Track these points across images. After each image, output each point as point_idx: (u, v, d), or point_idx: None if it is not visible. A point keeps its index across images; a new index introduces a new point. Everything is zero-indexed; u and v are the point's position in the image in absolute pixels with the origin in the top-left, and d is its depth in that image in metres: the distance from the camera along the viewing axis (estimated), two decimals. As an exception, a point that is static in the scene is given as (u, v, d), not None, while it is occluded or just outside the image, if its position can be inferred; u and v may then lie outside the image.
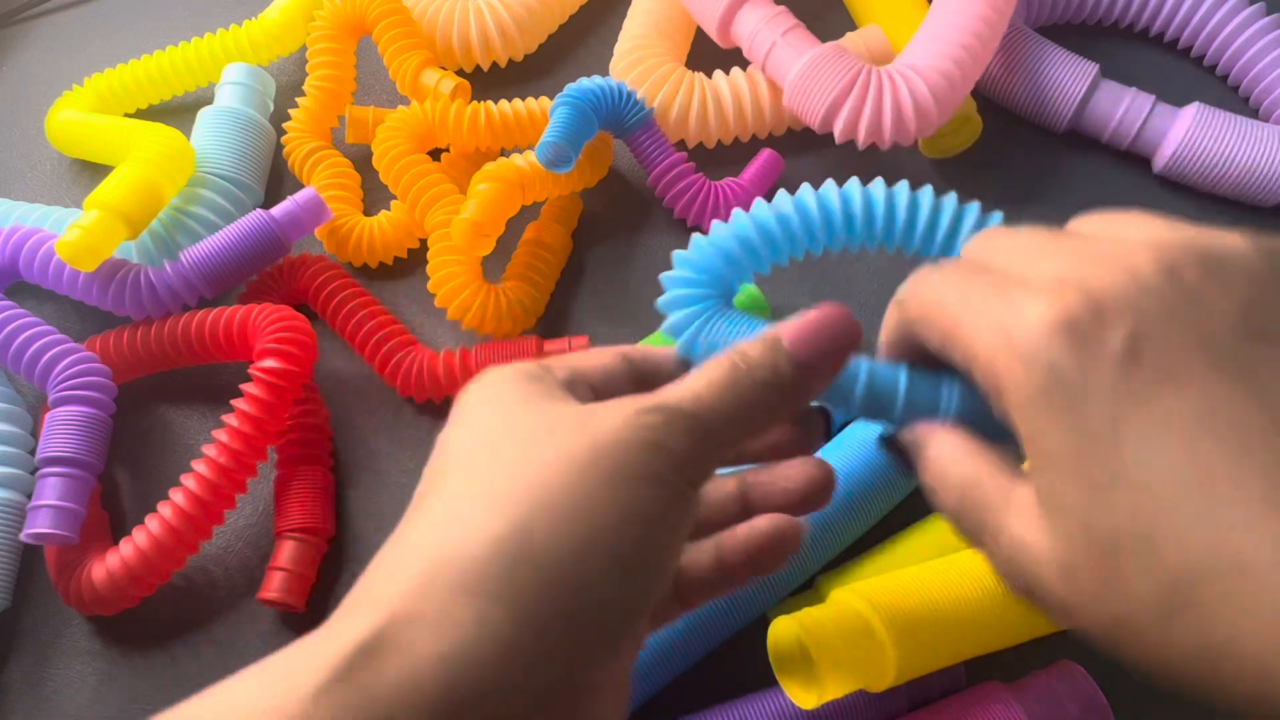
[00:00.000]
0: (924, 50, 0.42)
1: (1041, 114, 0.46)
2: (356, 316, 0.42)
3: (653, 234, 0.46)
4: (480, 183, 0.42)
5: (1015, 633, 0.33)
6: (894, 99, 0.41)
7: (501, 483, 0.21)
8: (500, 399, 0.23)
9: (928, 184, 0.29)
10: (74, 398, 0.39)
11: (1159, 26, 0.49)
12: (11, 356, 0.40)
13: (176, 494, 0.37)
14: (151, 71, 0.49)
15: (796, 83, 0.42)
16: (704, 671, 0.36)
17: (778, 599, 0.36)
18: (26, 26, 0.56)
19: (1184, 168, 0.44)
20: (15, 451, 0.41)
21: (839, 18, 0.51)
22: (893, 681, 0.31)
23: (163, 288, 0.41)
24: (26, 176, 0.50)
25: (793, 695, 0.32)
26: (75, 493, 0.38)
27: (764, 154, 0.45)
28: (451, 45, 0.49)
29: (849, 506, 0.36)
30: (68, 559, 0.38)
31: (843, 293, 0.44)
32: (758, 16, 0.44)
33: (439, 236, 0.43)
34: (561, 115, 0.42)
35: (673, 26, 0.48)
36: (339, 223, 0.45)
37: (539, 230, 0.44)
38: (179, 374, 0.44)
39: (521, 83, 0.51)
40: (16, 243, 0.42)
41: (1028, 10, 0.48)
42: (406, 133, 0.44)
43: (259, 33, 0.49)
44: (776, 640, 0.32)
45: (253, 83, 0.49)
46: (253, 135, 0.47)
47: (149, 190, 0.42)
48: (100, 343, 0.42)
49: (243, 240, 0.42)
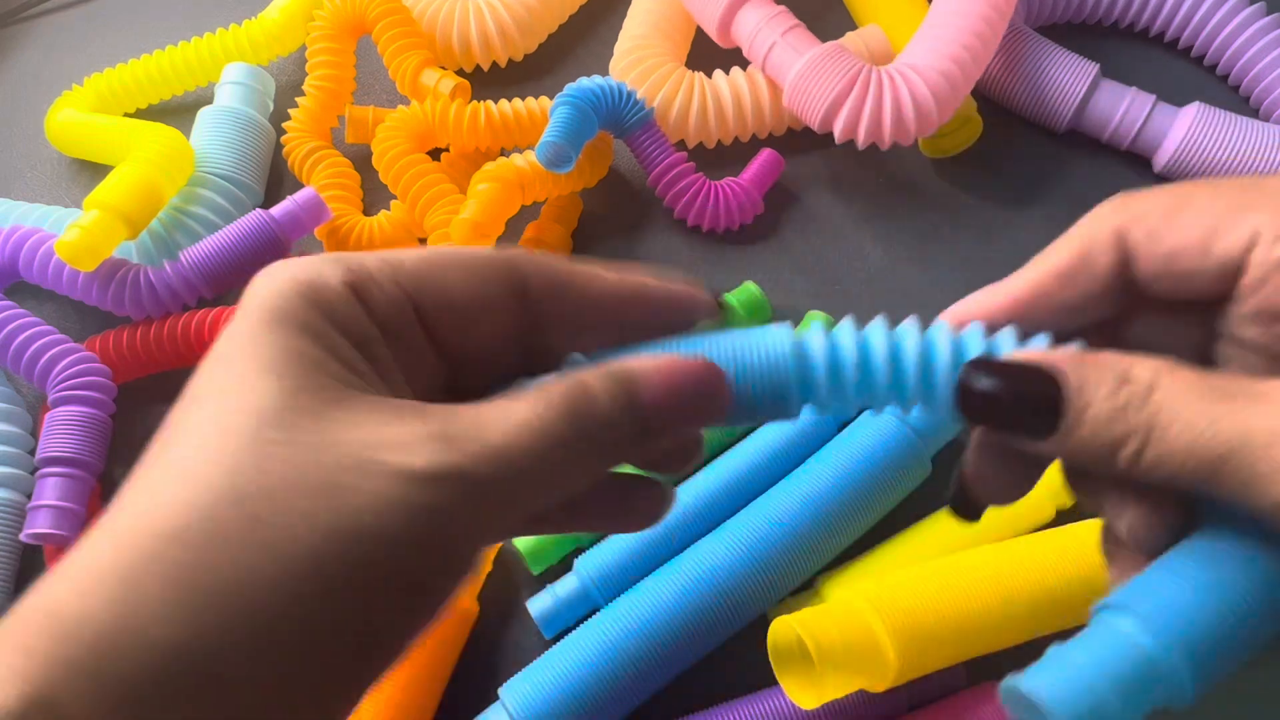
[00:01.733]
0: (924, 50, 0.42)
1: (1041, 114, 0.46)
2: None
3: (653, 234, 0.46)
4: (480, 183, 0.42)
5: (1015, 633, 0.33)
6: (894, 99, 0.41)
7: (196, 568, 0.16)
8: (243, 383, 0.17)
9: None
10: (74, 398, 0.39)
11: (1159, 26, 0.49)
12: (11, 356, 0.40)
13: (176, 494, 0.37)
14: (151, 71, 0.49)
15: (796, 83, 0.42)
16: (704, 671, 0.36)
17: (778, 599, 0.36)
18: (26, 26, 0.56)
19: (1184, 168, 0.44)
20: (15, 451, 0.41)
21: (839, 18, 0.51)
22: (893, 682, 0.31)
23: (163, 288, 0.41)
24: (26, 176, 0.50)
25: (793, 695, 0.32)
26: (75, 493, 0.38)
27: (764, 154, 0.45)
28: (451, 45, 0.49)
29: (849, 507, 0.36)
30: (67, 559, 0.38)
31: (843, 292, 0.44)
32: (758, 16, 0.44)
33: (439, 236, 0.43)
34: (561, 115, 0.42)
35: (673, 26, 0.48)
36: (339, 222, 0.45)
37: (539, 230, 0.44)
38: (179, 374, 0.43)
39: (521, 83, 0.51)
40: (16, 243, 0.42)
41: (1028, 10, 0.48)
42: (406, 132, 0.44)
43: (259, 32, 0.49)
44: (776, 640, 0.32)
45: (252, 82, 0.49)
46: (252, 135, 0.47)
47: (149, 190, 0.42)
48: (100, 343, 0.42)
49: (242, 240, 0.42)
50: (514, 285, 0.20)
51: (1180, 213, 0.19)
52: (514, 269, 0.20)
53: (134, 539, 0.16)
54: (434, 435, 0.17)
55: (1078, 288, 0.20)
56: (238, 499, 0.16)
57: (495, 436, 0.17)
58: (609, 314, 0.21)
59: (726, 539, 0.35)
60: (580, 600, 0.36)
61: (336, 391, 0.18)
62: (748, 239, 0.46)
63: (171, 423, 0.18)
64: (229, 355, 0.18)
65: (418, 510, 0.16)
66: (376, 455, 0.17)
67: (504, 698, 0.33)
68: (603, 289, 0.21)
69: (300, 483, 0.16)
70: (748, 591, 0.35)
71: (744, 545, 0.35)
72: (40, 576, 0.17)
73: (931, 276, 0.44)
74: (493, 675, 0.37)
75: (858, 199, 0.47)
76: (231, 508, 0.16)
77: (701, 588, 0.34)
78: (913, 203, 0.46)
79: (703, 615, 0.34)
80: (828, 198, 0.47)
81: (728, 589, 0.34)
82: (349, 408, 0.17)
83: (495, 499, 0.18)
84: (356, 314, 0.19)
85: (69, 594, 0.16)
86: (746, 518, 0.36)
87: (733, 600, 0.34)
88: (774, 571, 0.35)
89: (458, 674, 0.37)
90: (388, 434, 0.17)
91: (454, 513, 0.17)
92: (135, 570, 0.16)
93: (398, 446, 0.17)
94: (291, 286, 0.18)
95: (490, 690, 0.35)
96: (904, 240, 0.45)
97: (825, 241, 0.46)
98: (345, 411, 0.17)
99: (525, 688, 0.33)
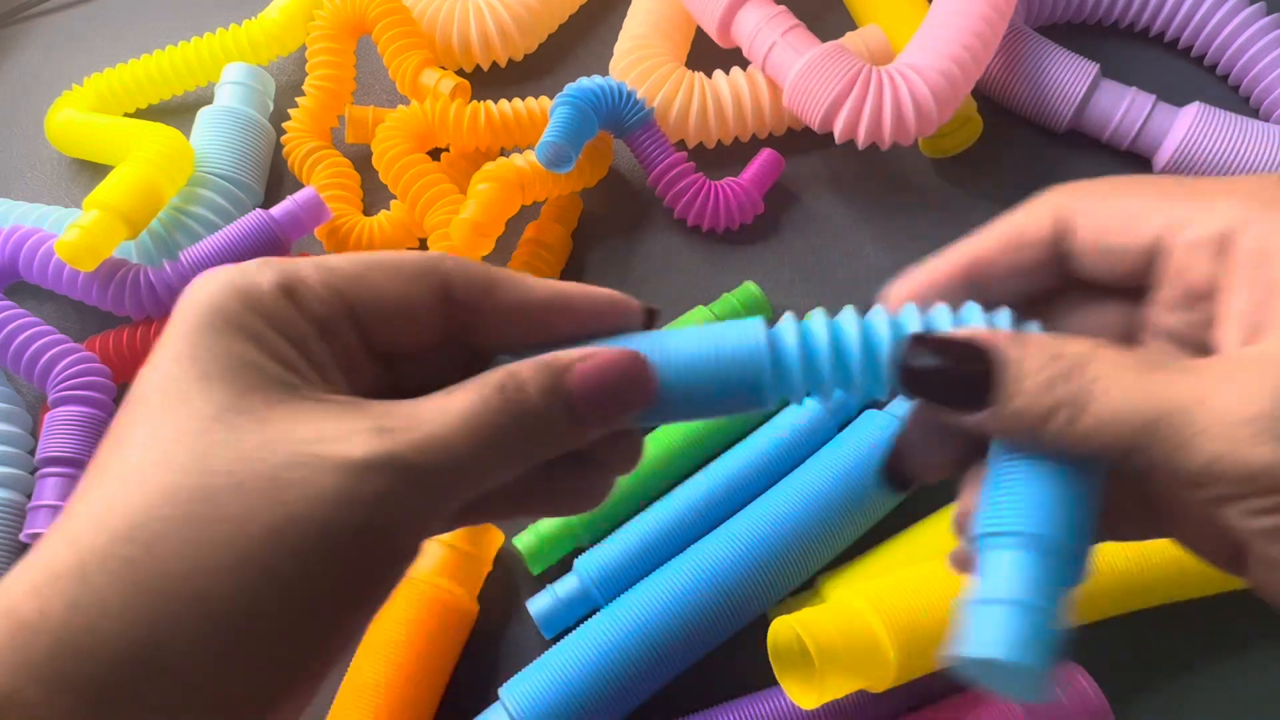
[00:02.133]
0: (924, 50, 0.42)
1: (1041, 114, 0.46)
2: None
3: (653, 234, 0.46)
4: (480, 183, 0.42)
5: (1015, 633, 0.33)
6: (894, 99, 0.41)
7: (148, 566, 0.16)
8: (185, 388, 0.18)
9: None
10: (74, 398, 0.39)
11: (1159, 26, 0.49)
12: (11, 356, 0.40)
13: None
14: (151, 71, 0.49)
15: (796, 82, 0.42)
16: (704, 671, 0.36)
17: (778, 599, 0.36)
18: (26, 26, 0.56)
19: (1184, 167, 0.44)
20: (15, 451, 0.41)
21: (839, 18, 0.51)
22: (893, 682, 0.31)
23: (162, 288, 0.41)
24: (26, 176, 0.50)
25: (793, 695, 0.32)
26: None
27: (764, 154, 0.45)
28: (451, 45, 0.49)
29: (849, 507, 0.36)
30: (67, 559, 0.38)
31: (843, 292, 0.44)
32: (758, 16, 0.44)
33: (439, 236, 0.43)
34: (561, 115, 0.42)
35: (673, 26, 0.48)
36: (339, 222, 0.45)
37: (539, 230, 0.44)
38: (179, 374, 0.44)
39: (521, 83, 0.51)
40: (16, 243, 0.42)
41: (1028, 10, 0.48)
42: (406, 132, 0.44)
43: (259, 32, 0.49)
44: (776, 640, 0.32)
45: (252, 82, 0.49)
46: (252, 135, 0.47)
47: (149, 190, 0.42)
48: (100, 343, 0.42)
49: (242, 240, 0.42)
50: (438, 288, 0.21)
51: (1116, 196, 0.21)
52: (437, 271, 0.21)
53: (88, 540, 0.17)
54: (371, 428, 0.18)
55: (1018, 254, 0.21)
56: (186, 499, 0.17)
57: (431, 426, 0.18)
58: (535, 320, 0.21)
59: (726, 539, 0.35)
60: (580, 600, 0.36)
61: (276, 392, 0.18)
62: (748, 239, 0.46)
63: (118, 427, 0.18)
64: (170, 360, 0.19)
65: (357, 499, 0.17)
66: (316, 449, 0.17)
67: (504, 698, 0.33)
68: (528, 295, 0.21)
69: (244, 481, 0.17)
70: (748, 591, 0.35)
71: (744, 545, 0.35)
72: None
73: (931, 276, 0.44)
74: (493, 675, 0.37)
75: (858, 199, 0.47)
76: (179, 507, 0.17)
77: (701, 588, 0.34)
78: (913, 203, 0.46)
79: (703, 615, 0.34)
80: (828, 198, 0.47)
81: (728, 589, 0.34)
82: (289, 406, 0.18)
83: (433, 486, 0.18)
84: (290, 314, 0.19)
85: (25, 594, 0.16)
86: (746, 518, 0.36)
87: (733, 600, 0.34)
88: (774, 571, 0.35)
89: (458, 674, 0.37)
90: (327, 428, 0.18)
91: (393, 500, 0.18)
92: (88, 569, 0.16)
93: (336, 439, 0.18)
94: (227, 290, 0.19)
95: (490, 690, 0.35)
96: (904, 240, 0.45)
97: (825, 241, 0.46)
98: (285, 410, 0.18)
99: (525, 688, 0.33)
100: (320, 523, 0.17)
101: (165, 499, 0.17)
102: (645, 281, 0.45)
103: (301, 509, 0.17)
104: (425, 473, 0.18)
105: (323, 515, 0.17)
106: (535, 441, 0.20)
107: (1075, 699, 0.33)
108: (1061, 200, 0.21)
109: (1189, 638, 0.36)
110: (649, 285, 0.45)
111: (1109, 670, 0.33)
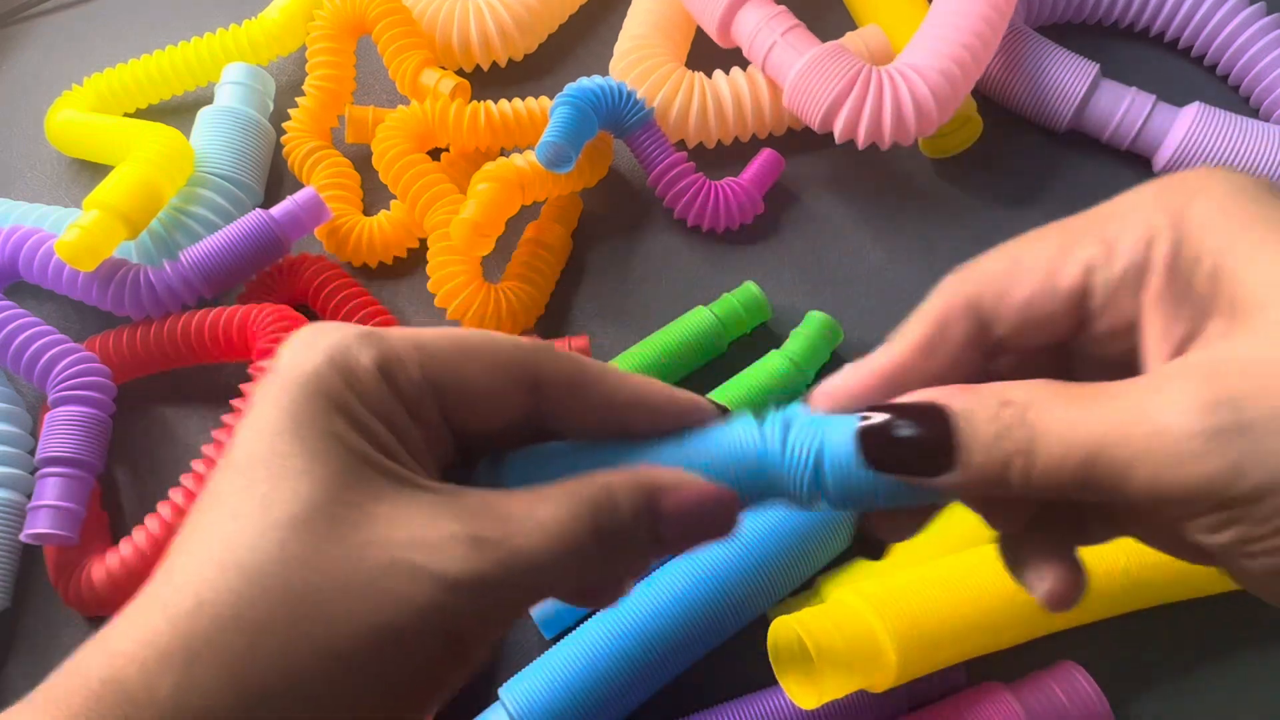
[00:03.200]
0: (924, 50, 0.42)
1: (1041, 114, 0.46)
2: (356, 316, 0.42)
3: (653, 234, 0.46)
4: (480, 183, 0.42)
5: (1015, 633, 0.33)
6: (894, 99, 0.41)
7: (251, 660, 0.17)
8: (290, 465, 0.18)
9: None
10: (74, 398, 0.39)
11: (1159, 26, 0.49)
12: (11, 356, 0.40)
13: (176, 494, 0.37)
14: (151, 71, 0.49)
15: (796, 82, 0.42)
16: (704, 671, 0.36)
17: (778, 599, 0.36)
18: (26, 26, 0.56)
19: (1184, 167, 0.44)
20: (15, 451, 0.41)
21: (839, 18, 0.51)
22: (893, 682, 0.31)
23: (162, 288, 0.41)
24: (26, 176, 0.50)
25: (793, 695, 0.32)
26: (75, 493, 0.38)
27: (764, 154, 0.45)
28: (451, 45, 0.49)
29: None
30: (67, 559, 0.38)
31: (843, 292, 0.44)
32: (758, 16, 0.44)
33: (439, 236, 0.43)
34: (561, 115, 0.42)
35: (673, 26, 0.48)
36: (339, 222, 0.45)
37: (539, 230, 0.44)
38: (179, 374, 0.44)
39: (521, 83, 0.51)
40: (16, 243, 0.42)
41: (1028, 10, 0.48)
42: (406, 132, 0.44)
43: (259, 32, 0.49)
44: (776, 640, 0.32)
45: (252, 82, 0.49)
46: (252, 135, 0.47)
47: (149, 190, 0.42)
48: (100, 343, 0.42)
49: (242, 240, 0.42)
50: (530, 381, 0.21)
51: (1019, 266, 0.20)
52: (533, 366, 0.21)
53: (192, 624, 0.17)
54: (467, 537, 0.18)
55: (937, 359, 0.21)
56: (289, 594, 0.17)
57: (522, 540, 0.19)
58: (614, 413, 0.22)
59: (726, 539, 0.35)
60: (580, 600, 0.36)
61: (378, 485, 0.19)
62: (748, 239, 0.46)
63: (219, 489, 0.19)
64: (272, 432, 0.19)
65: (450, 612, 0.18)
66: (414, 558, 0.18)
67: (504, 698, 0.33)
68: (614, 395, 0.22)
69: (345, 582, 0.18)
70: (748, 591, 0.35)
71: (744, 545, 0.35)
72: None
73: (931, 276, 0.44)
74: (493, 675, 0.37)
75: (858, 199, 0.47)
76: (284, 606, 0.17)
77: (701, 588, 0.34)
78: (913, 203, 0.46)
79: (703, 615, 0.34)
80: (828, 198, 0.47)
81: (728, 589, 0.34)
82: (390, 502, 0.19)
83: (516, 599, 0.19)
84: (388, 397, 0.20)
85: (133, 668, 0.17)
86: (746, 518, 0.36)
87: (733, 600, 0.34)
88: (774, 571, 0.35)
89: (458, 674, 0.37)
90: (427, 533, 0.18)
91: (479, 615, 0.19)
92: (194, 654, 0.17)
93: (433, 548, 0.18)
94: (327, 365, 0.19)
95: (490, 690, 0.35)
96: (904, 240, 0.45)
97: (825, 241, 0.46)
98: (386, 507, 0.19)
99: (525, 688, 0.33)
100: (412, 631, 0.18)
101: (269, 590, 0.17)
102: (645, 281, 0.45)
103: (397, 617, 0.18)
104: (513, 588, 0.19)
105: (416, 625, 0.18)
106: (613, 559, 0.20)
107: (1075, 699, 0.33)
108: (968, 289, 0.21)
109: (1189, 638, 0.36)
110: (649, 285, 0.45)
111: (1109, 670, 0.33)
